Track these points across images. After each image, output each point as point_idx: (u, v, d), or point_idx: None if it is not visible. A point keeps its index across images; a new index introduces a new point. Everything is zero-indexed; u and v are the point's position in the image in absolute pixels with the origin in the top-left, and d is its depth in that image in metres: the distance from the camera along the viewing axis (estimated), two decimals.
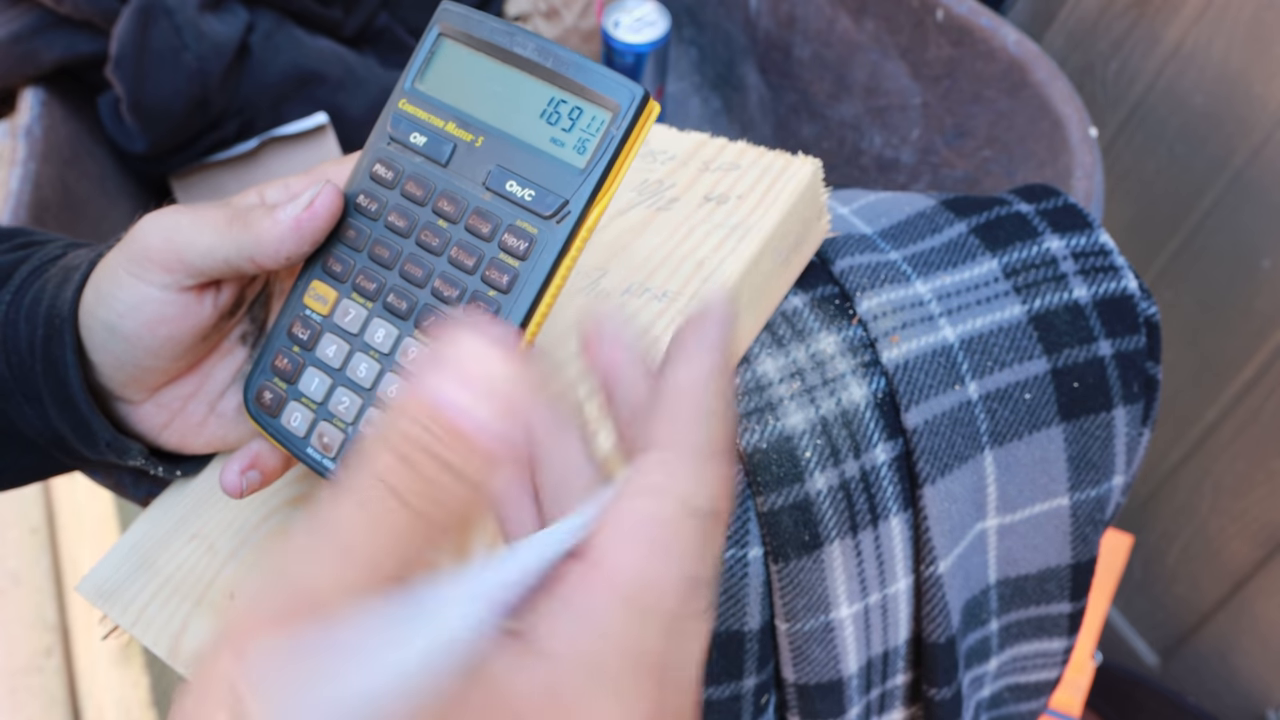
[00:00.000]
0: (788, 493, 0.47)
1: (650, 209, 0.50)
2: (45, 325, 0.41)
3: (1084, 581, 0.55)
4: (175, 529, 0.46)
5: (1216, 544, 0.99)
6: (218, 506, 0.46)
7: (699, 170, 0.51)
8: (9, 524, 1.27)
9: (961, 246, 0.52)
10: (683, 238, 0.48)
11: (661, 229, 0.49)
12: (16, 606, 1.20)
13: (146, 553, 0.45)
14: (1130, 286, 0.51)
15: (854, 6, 0.85)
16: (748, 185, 0.49)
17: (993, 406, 0.49)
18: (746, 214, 0.48)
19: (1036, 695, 0.62)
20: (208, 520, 0.46)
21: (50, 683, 1.14)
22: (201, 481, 0.47)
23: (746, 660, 0.51)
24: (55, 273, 0.42)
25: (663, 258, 0.48)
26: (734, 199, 0.49)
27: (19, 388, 0.42)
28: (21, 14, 0.76)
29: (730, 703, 0.52)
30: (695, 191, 0.50)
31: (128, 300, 0.39)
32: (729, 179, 0.50)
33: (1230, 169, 0.88)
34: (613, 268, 0.48)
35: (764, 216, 0.47)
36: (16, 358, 0.41)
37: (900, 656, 0.54)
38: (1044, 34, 1.02)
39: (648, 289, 0.47)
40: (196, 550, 0.45)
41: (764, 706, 0.53)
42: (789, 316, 0.51)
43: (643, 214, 0.50)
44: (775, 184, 0.48)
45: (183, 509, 0.46)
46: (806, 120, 0.91)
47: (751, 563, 0.48)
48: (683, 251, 0.48)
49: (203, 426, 0.44)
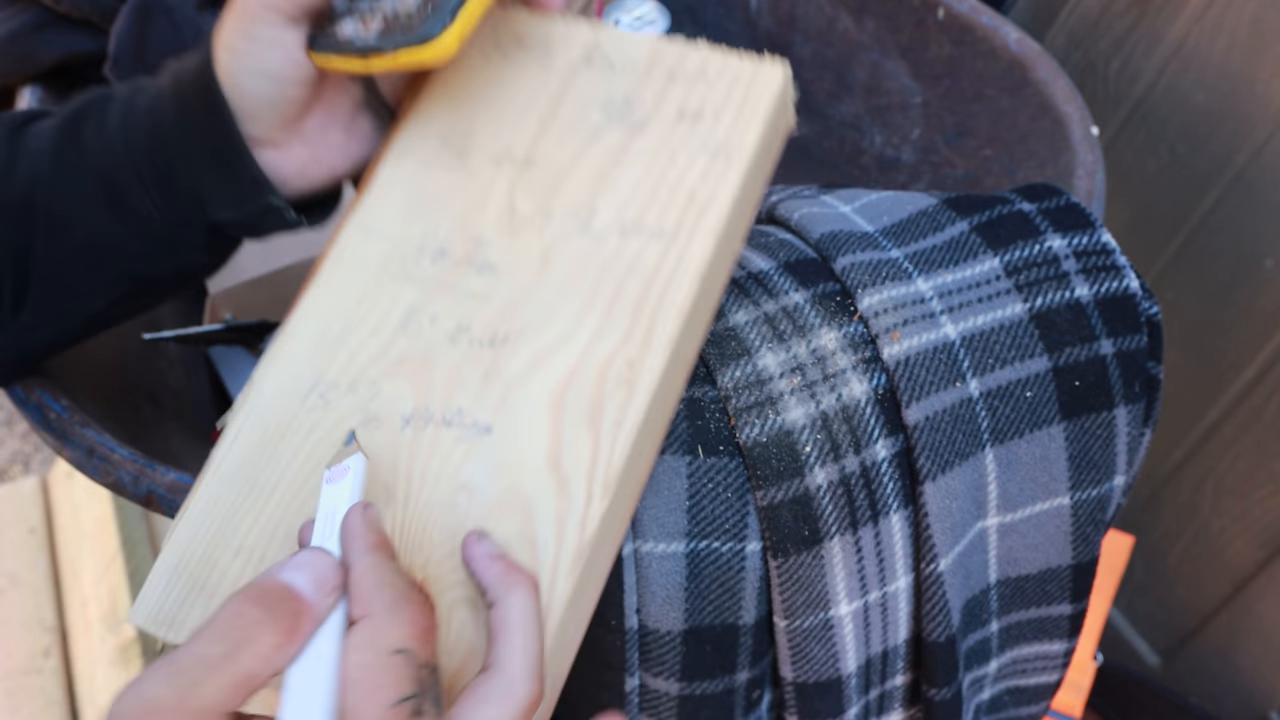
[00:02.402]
0: (787, 487, 0.47)
1: (623, 131, 0.48)
2: (190, 87, 0.46)
3: (1085, 583, 0.55)
4: (215, 544, 0.44)
5: (1218, 544, 0.98)
6: (250, 513, 0.44)
7: (665, 81, 0.49)
8: (7, 524, 1.27)
9: (963, 245, 0.52)
10: (666, 165, 0.47)
11: (641, 155, 0.47)
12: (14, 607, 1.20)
13: (194, 574, 0.43)
14: (1132, 286, 0.51)
15: (854, 5, 0.85)
16: (721, 99, 0.48)
17: (994, 404, 0.49)
18: (726, 133, 0.47)
19: (1037, 699, 0.62)
20: (247, 531, 0.44)
21: (48, 684, 1.14)
22: (223, 487, 0.45)
23: (740, 654, 0.51)
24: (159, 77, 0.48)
25: (650, 189, 0.46)
26: (709, 115, 0.47)
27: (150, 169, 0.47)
28: (20, 12, 0.76)
29: (723, 696, 0.52)
30: (667, 109, 0.48)
31: (268, 38, 0.44)
32: (699, 91, 0.48)
33: (1232, 168, 0.88)
34: (600, 205, 0.47)
35: (745, 135, 0.46)
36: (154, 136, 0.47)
37: (900, 656, 0.54)
38: (1045, 33, 1.02)
39: (643, 226, 0.46)
40: (247, 564, 0.43)
41: (755, 701, 0.53)
42: (790, 312, 0.51)
43: (617, 138, 0.48)
44: (749, 96, 0.47)
45: (214, 522, 0.44)
46: (807, 119, 0.91)
47: (749, 556, 0.48)
48: (670, 181, 0.46)
49: (346, 148, 0.50)
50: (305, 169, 0.49)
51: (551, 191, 0.47)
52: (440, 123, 0.50)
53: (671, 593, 0.48)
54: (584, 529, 0.41)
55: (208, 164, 0.47)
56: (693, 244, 0.45)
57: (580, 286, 0.45)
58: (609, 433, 0.42)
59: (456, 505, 0.42)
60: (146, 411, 0.69)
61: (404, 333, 0.46)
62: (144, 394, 0.71)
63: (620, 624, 0.48)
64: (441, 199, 0.48)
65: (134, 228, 0.48)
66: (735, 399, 0.48)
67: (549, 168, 0.48)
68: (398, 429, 0.44)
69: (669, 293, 0.44)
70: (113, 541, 1.17)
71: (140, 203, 0.48)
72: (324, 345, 0.46)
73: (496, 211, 0.47)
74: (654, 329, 0.43)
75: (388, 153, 0.50)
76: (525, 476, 0.42)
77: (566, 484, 0.41)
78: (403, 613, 0.33)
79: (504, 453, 0.42)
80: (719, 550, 0.48)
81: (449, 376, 0.44)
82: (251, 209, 0.48)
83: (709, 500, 0.48)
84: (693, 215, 0.45)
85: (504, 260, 0.46)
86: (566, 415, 0.42)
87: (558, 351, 0.44)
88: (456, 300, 0.46)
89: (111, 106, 0.48)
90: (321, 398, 0.45)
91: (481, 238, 0.47)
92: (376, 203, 0.49)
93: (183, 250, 0.50)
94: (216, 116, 0.46)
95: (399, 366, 0.45)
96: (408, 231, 0.48)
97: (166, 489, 0.53)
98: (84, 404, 0.57)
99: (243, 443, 0.45)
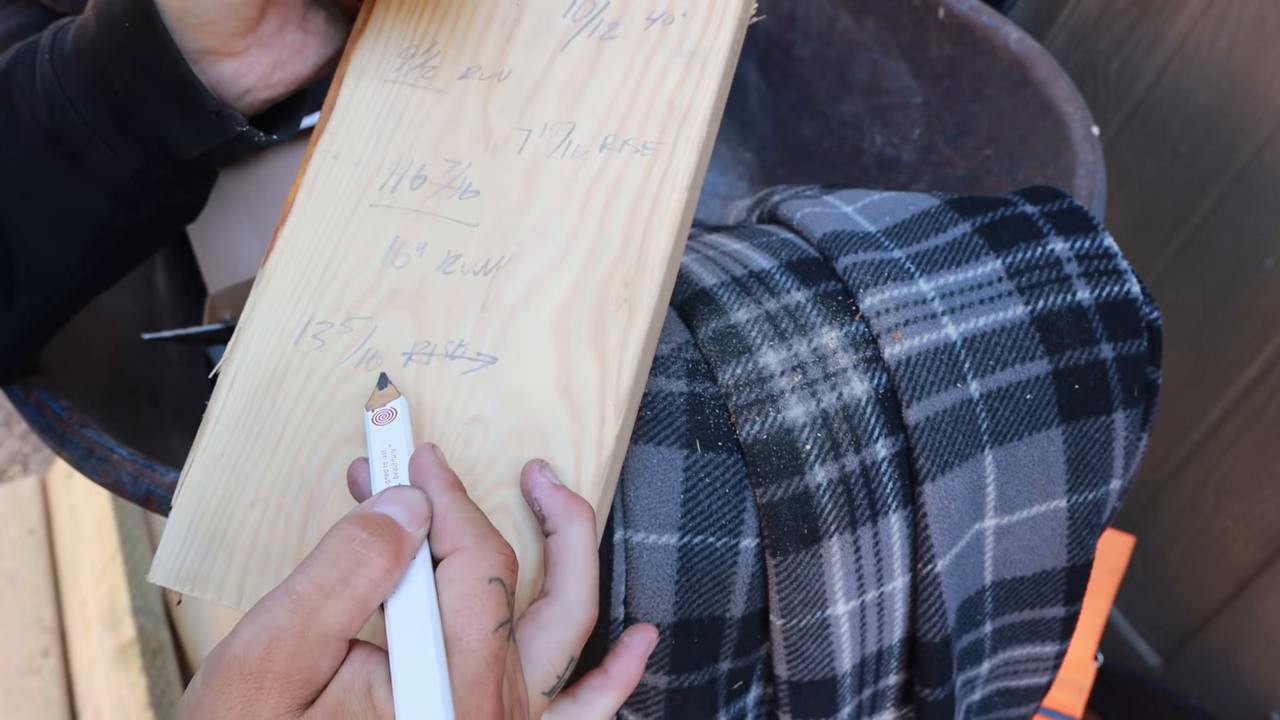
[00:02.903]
0: (787, 485, 0.47)
1: (593, 38, 0.47)
2: (125, 22, 0.44)
3: (1079, 585, 0.55)
4: (228, 497, 0.43)
5: (1219, 545, 0.98)
6: (260, 464, 0.43)
7: None
8: (5, 524, 1.27)
9: (965, 246, 0.52)
10: (641, 73, 0.46)
11: (615, 64, 0.46)
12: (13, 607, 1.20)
13: (210, 528, 0.43)
14: (1133, 290, 0.51)
15: (855, 5, 0.85)
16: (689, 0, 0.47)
17: (994, 405, 0.49)
18: (699, 36, 0.46)
19: (1028, 700, 0.62)
20: (259, 480, 0.43)
21: (47, 684, 1.14)
22: (227, 438, 0.44)
23: (724, 644, 0.51)
24: (82, 20, 0.46)
25: (629, 100, 0.46)
26: (679, 17, 0.46)
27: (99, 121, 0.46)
28: (18, 11, 0.76)
29: (707, 687, 0.52)
30: (635, 11, 0.47)
31: None
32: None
33: (1233, 168, 0.88)
34: (579, 119, 0.46)
35: (717, 37, 0.46)
36: (97, 84, 0.45)
37: (894, 656, 0.54)
38: (1046, 32, 1.02)
39: (625, 141, 0.45)
40: (266, 514, 0.42)
41: (737, 693, 0.53)
42: (792, 311, 0.51)
43: (587, 45, 0.47)
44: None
45: (224, 474, 0.43)
46: (807, 119, 0.91)
47: (743, 552, 0.48)
48: (647, 90, 0.46)
49: (304, 49, 0.48)
50: (268, 76, 0.48)
51: (526, 107, 0.46)
52: (400, 35, 0.48)
53: (662, 585, 0.48)
54: (600, 451, 0.41)
55: (164, 105, 0.46)
56: (676, 156, 0.44)
57: (568, 207, 0.44)
58: (614, 354, 0.42)
59: (471, 438, 0.42)
60: (145, 411, 0.69)
61: (392, 265, 0.45)
62: (143, 394, 0.71)
63: (606, 613, 0.48)
64: (411, 119, 0.47)
65: (99, 183, 0.47)
66: (736, 396, 0.48)
67: (521, 81, 0.47)
68: (399, 365, 0.43)
69: (658, 209, 0.44)
70: (111, 542, 1.17)
71: (100, 155, 0.47)
72: (310, 283, 0.45)
73: (471, 131, 0.46)
74: (647, 246, 0.43)
75: (347, 70, 0.48)
76: (537, 404, 0.42)
77: (578, 408, 0.42)
78: (491, 544, 0.34)
79: (512, 382, 0.42)
80: (713, 545, 0.48)
81: (446, 308, 0.44)
82: (218, 140, 0.47)
83: (705, 495, 0.48)
84: (674, 126, 0.45)
85: (486, 183, 0.45)
86: (571, 340, 0.42)
87: (553, 276, 0.43)
88: (443, 227, 0.45)
89: (38, 59, 0.47)
90: (315, 338, 0.44)
91: (459, 159, 0.46)
92: (341, 126, 0.47)
93: (156, 193, 0.49)
94: (163, 51, 0.44)
95: (392, 300, 0.44)
96: (380, 156, 0.47)
97: (166, 489, 0.53)
98: (83, 404, 0.57)
99: (239, 390, 0.44)
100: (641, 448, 0.47)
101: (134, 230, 0.50)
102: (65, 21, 0.48)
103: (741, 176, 0.95)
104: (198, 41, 0.45)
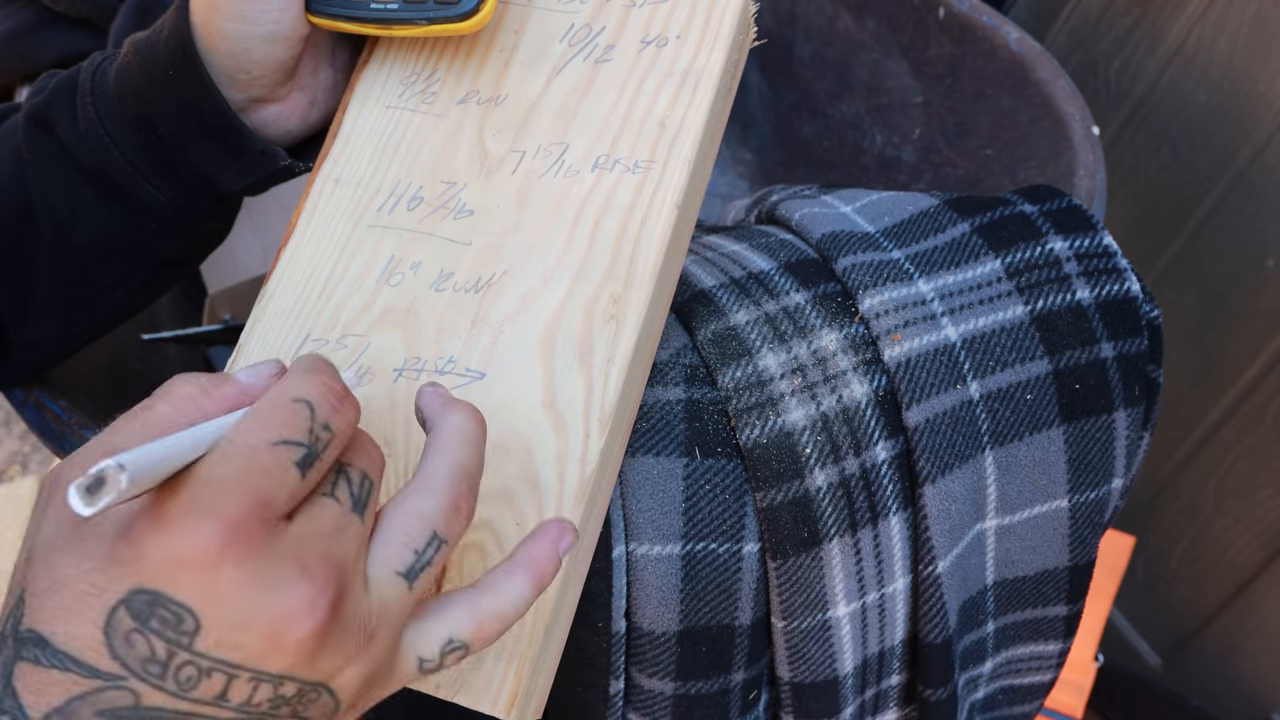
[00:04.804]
0: (787, 489, 0.47)
1: (588, 61, 0.48)
2: (169, 71, 0.46)
3: (1081, 584, 0.55)
4: None
5: (1220, 545, 0.98)
6: None
7: (625, 8, 0.48)
8: (5, 525, 1.27)
9: (964, 246, 0.52)
10: (634, 94, 0.47)
11: (609, 86, 0.47)
12: None
13: None
14: (1133, 289, 0.51)
15: (855, 5, 0.84)
16: (683, 21, 0.47)
17: (994, 406, 0.49)
18: (691, 57, 0.47)
19: (1031, 698, 0.62)
20: None
21: None
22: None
23: (735, 654, 0.51)
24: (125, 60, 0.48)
25: (621, 120, 0.46)
26: (673, 40, 0.47)
27: (142, 161, 0.48)
28: (18, 11, 0.76)
29: (718, 696, 0.52)
30: (630, 35, 0.48)
31: (276, 4, 0.45)
32: (660, 14, 0.48)
33: (1234, 168, 0.88)
34: (572, 139, 0.46)
35: (710, 58, 0.46)
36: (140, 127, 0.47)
37: (896, 657, 0.54)
38: (1046, 32, 1.02)
39: (617, 160, 0.46)
40: None
41: (753, 702, 0.53)
42: (791, 312, 0.51)
43: (582, 68, 0.48)
44: (711, 17, 0.47)
45: None
46: (807, 119, 0.91)
47: (746, 558, 0.48)
48: (640, 110, 0.46)
49: (336, 85, 0.51)
50: (306, 114, 0.50)
51: (521, 129, 0.47)
52: (402, 64, 0.50)
53: (667, 595, 0.48)
54: (584, 466, 0.41)
55: (210, 147, 0.48)
56: (667, 175, 0.45)
57: (559, 225, 0.45)
58: (600, 370, 0.42)
59: None
60: None
61: (387, 283, 0.46)
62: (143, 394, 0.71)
63: (607, 626, 0.48)
64: (411, 143, 0.48)
65: (143, 216, 0.49)
66: (736, 400, 0.48)
67: (517, 105, 0.48)
68: (390, 381, 0.44)
69: (647, 226, 0.44)
70: None
71: (145, 193, 0.48)
72: (308, 302, 0.46)
73: (468, 153, 0.47)
74: (636, 263, 0.44)
75: (351, 99, 0.50)
76: (521, 418, 0.42)
77: (563, 423, 0.42)
78: (317, 374, 0.31)
79: (499, 397, 0.43)
80: (716, 552, 0.48)
81: (437, 325, 0.44)
82: (261, 175, 0.49)
83: (706, 502, 0.47)
84: (665, 145, 0.45)
85: (480, 203, 0.46)
86: (557, 355, 0.43)
87: (542, 292, 0.44)
88: (437, 247, 0.46)
89: (79, 100, 0.48)
90: None
91: (455, 181, 0.47)
92: (344, 152, 0.49)
93: (197, 224, 0.51)
94: (210, 100, 0.46)
95: (386, 318, 0.45)
96: (379, 179, 0.48)
97: None
98: (82, 405, 0.57)
99: None
100: (641, 460, 0.47)
101: (171, 256, 0.52)
102: (100, 59, 0.49)
103: (741, 176, 0.95)
104: (246, 93, 0.47)
